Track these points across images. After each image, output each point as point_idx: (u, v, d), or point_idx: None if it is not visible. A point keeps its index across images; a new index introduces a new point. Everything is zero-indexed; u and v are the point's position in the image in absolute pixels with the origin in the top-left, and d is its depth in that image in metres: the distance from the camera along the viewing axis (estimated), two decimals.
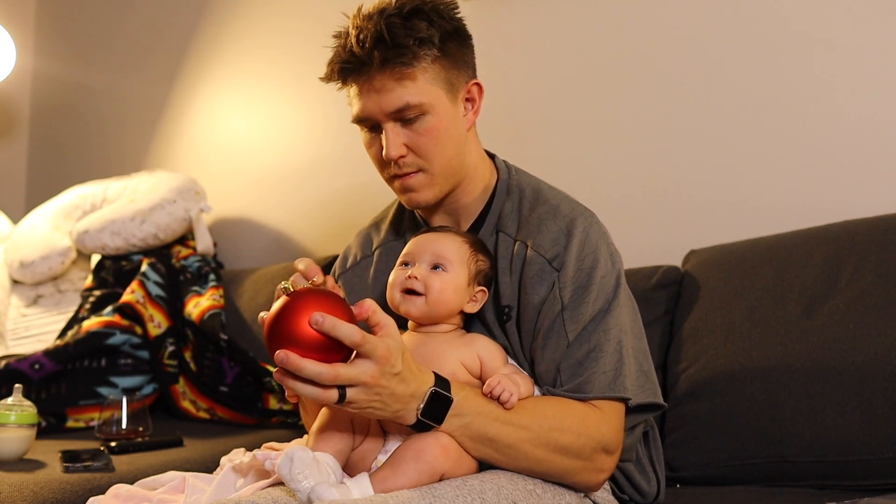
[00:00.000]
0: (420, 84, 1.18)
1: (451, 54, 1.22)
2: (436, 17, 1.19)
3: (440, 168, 1.23)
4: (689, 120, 1.92)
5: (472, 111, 1.28)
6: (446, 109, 1.22)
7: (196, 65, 2.92)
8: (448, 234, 1.22)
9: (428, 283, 1.16)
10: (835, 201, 1.73)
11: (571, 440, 1.10)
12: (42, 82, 3.43)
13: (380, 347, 0.96)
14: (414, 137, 1.21)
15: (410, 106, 1.18)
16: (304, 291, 0.98)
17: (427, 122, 1.20)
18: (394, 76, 1.17)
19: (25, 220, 2.68)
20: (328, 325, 0.92)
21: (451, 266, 1.17)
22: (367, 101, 1.20)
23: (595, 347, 1.16)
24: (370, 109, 1.20)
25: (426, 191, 1.24)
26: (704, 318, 1.61)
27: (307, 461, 0.95)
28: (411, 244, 1.23)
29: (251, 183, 2.74)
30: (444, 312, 1.18)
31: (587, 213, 1.25)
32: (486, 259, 1.23)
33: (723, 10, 1.89)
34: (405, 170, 1.22)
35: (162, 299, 2.29)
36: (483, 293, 1.22)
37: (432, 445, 1.04)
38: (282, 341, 0.95)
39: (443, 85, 1.21)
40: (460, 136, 1.25)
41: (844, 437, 1.38)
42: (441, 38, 1.19)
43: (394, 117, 1.20)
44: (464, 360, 1.15)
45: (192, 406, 2.20)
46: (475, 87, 1.28)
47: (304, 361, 0.93)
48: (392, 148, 1.20)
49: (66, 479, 1.50)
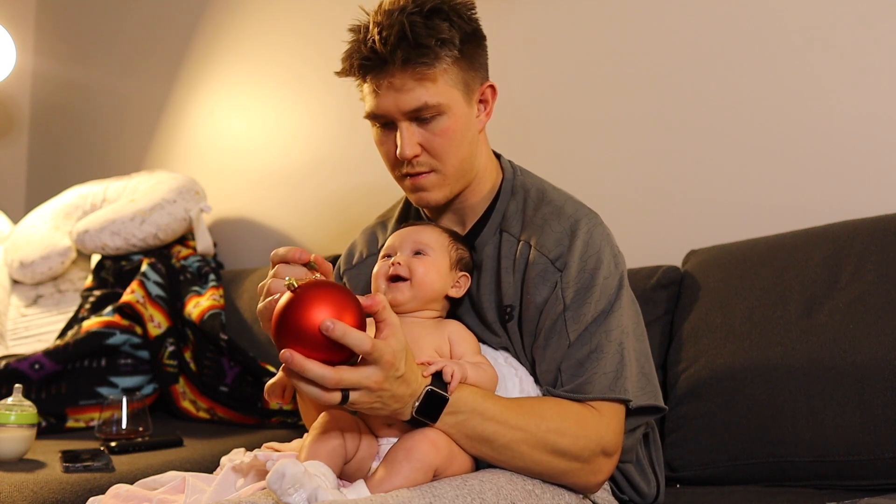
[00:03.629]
0: (439, 85, 1.18)
1: (468, 56, 1.22)
2: (455, 17, 1.19)
3: (452, 169, 1.23)
4: (689, 120, 1.92)
5: (484, 113, 1.28)
6: (462, 110, 1.22)
7: (196, 65, 2.92)
8: (427, 226, 1.25)
9: (411, 267, 1.17)
10: (835, 201, 1.73)
11: (569, 442, 1.10)
12: (42, 82, 3.43)
13: (386, 353, 0.96)
14: (429, 137, 1.20)
15: (428, 106, 1.18)
16: (309, 286, 0.95)
17: (443, 122, 1.20)
18: (415, 76, 1.17)
19: (25, 220, 2.68)
20: (339, 333, 0.91)
21: (433, 251, 1.20)
22: (384, 98, 1.19)
23: (596, 348, 1.16)
24: (387, 107, 1.19)
25: (437, 191, 1.24)
26: (704, 318, 1.61)
27: (298, 476, 0.94)
28: (391, 238, 1.24)
29: (251, 183, 2.74)
30: (430, 296, 1.18)
31: (591, 215, 1.25)
32: (465, 249, 1.25)
33: (722, 11, 1.89)
34: (418, 169, 1.22)
35: (162, 299, 2.29)
36: (466, 278, 1.23)
37: (421, 442, 1.04)
38: (288, 338, 0.93)
39: (460, 86, 1.21)
40: (473, 138, 1.25)
41: (844, 437, 1.38)
42: (461, 39, 1.19)
43: (410, 116, 1.19)
44: (437, 346, 1.16)
45: (192, 406, 2.20)
46: (489, 88, 1.28)
47: (308, 363, 0.92)
48: (407, 147, 1.20)
49: (66, 479, 1.50)
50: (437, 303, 1.21)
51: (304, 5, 2.65)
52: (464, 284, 1.23)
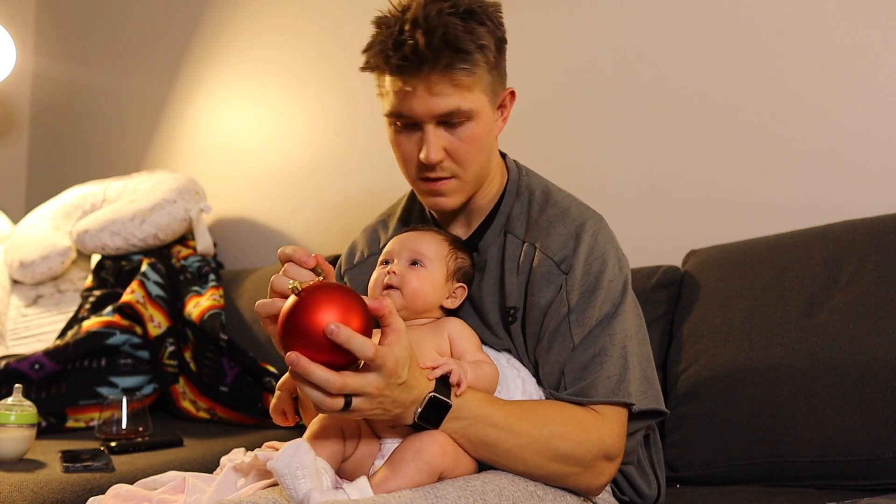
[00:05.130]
0: (474, 92, 1.16)
1: (498, 62, 1.20)
2: (488, 21, 1.16)
3: (472, 175, 1.22)
4: (690, 120, 1.92)
5: (501, 118, 1.26)
6: (488, 117, 1.20)
7: (196, 65, 2.93)
8: (428, 233, 1.24)
9: (405, 279, 1.17)
10: (835, 201, 1.73)
11: (571, 447, 1.10)
12: (42, 82, 3.43)
13: (389, 360, 0.95)
14: (455, 143, 1.18)
15: (460, 111, 1.15)
16: (315, 288, 0.95)
17: (470, 128, 1.17)
18: (453, 81, 1.13)
19: (25, 220, 2.68)
20: (343, 338, 0.91)
21: (429, 262, 1.19)
22: (415, 100, 1.14)
23: (600, 352, 1.16)
24: (417, 110, 1.15)
25: (455, 196, 1.23)
26: (704, 318, 1.61)
27: (307, 461, 0.94)
28: (391, 243, 1.23)
29: (251, 183, 2.74)
30: (423, 307, 1.18)
31: (596, 217, 1.24)
32: (465, 257, 1.24)
33: (722, 11, 1.89)
34: (439, 174, 1.20)
35: (162, 299, 2.29)
36: (462, 289, 1.22)
37: (430, 444, 1.04)
38: (293, 342, 0.93)
39: (489, 93, 1.19)
40: (493, 144, 1.24)
41: (844, 437, 1.38)
42: (495, 44, 1.17)
43: (439, 120, 1.17)
44: (438, 346, 1.16)
45: (192, 406, 2.20)
46: (509, 94, 1.26)
47: (313, 366, 0.92)
48: (433, 152, 1.17)
49: (66, 479, 1.50)
50: (433, 312, 1.21)
51: (304, 5, 2.64)
52: (460, 296, 1.22)
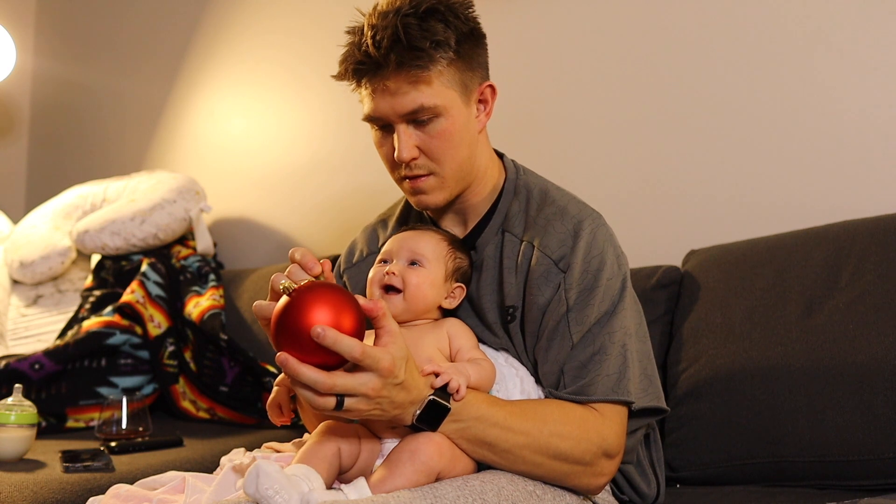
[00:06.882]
0: (435, 87, 1.17)
1: (466, 56, 1.20)
2: (451, 17, 1.17)
3: (451, 171, 1.22)
4: (690, 120, 1.92)
5: (484, 113, 1.27)
6: (460, 112, 1.21)
7: (196, 65, 2.93)
8: (426, 232, 1.24)
9: (405, 279, 1.17)
10: (835, 201, 1.73)
11: (571, 446, 1.10)
12: (42, 82, 3.43)
13: (383, 360, 0.95)
14: (426, 139, 1.19)
15: (424, 108, 1.17)
16: (306, 289, 0.95)
17: (440, 124, 1.19)
18: (409, 79, 1.15)
19: (25, 220, 2.68)
20: (329, 340, 0.91)
21: (428, 262, 1.19)
22: (380, 101, 1.18)
23: (599, 350, 1.16)
24: (383, 110, 1.18)
25: (436, 193, 1.24)
26: (704, 318, 1.61)
27: (274, 475, 0.93)
28: (390, 242, 1.23)
29: (251, 183, 2.74)
30: (422, 308, 1.19)
31: (595, 215, 1.25)
32: (464, 257, 1.24)
33: (722, 11, 1.89)
34: (416, 172, 1.21)
35: (162, 299, 2.29)
36: (461, 289, 1.23)
37: (426, 445, 1.04)
38: (284, 342, 0.94)
39: (457, 87, 1.20)
40: (472, 139, 1.24)
41: (844, 437, 1.38)
42: (457, 40, 1.17)
43: (407, 119, 1.18)
44: (438, 345, 1.16)
45: (192, 406, 2.20)
46: (488, 88, 1.27)
47: (302, 367, 0.92)
48: (404, 150, 1.19)
49: (66, 479, 1.50)
50: (432, 312, 1.21)
51: (304, 5, 2.65)
52: (458, 296, 1.23)
